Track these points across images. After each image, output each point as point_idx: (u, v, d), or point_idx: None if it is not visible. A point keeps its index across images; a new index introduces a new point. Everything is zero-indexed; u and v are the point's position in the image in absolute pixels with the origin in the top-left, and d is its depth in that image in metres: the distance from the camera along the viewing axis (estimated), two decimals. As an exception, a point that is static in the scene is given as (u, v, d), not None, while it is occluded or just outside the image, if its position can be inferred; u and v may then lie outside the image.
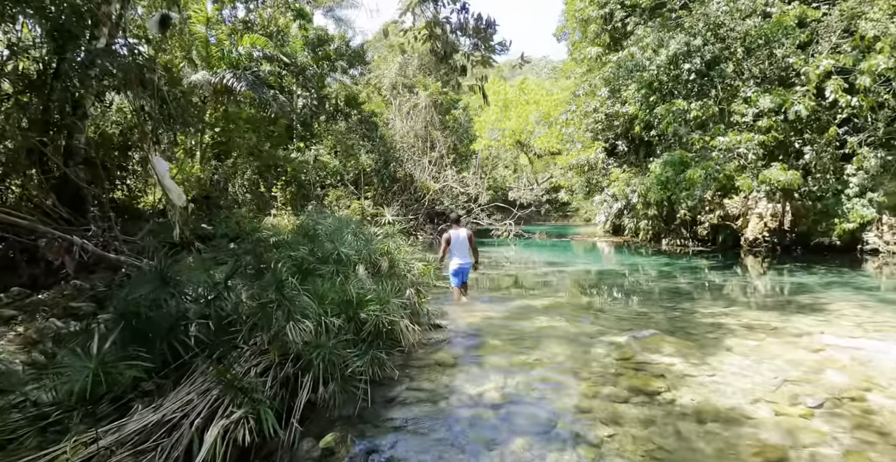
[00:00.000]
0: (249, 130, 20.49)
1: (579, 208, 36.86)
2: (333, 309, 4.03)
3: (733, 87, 13.25)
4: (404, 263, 6.56)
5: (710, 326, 6.53)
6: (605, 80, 17.34)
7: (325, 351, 3.33)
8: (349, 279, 4.80)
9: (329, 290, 4.19)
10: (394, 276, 5.94)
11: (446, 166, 27.55)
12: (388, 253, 6.30)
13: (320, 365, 3.36)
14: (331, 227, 6.35)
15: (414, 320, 6.03)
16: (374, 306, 4.24)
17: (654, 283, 10.54)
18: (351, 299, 4.17)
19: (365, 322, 4.11)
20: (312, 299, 3.91)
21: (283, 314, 3.52)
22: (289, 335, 3.34)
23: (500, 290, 9.89)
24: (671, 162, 12.76)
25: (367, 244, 6.26)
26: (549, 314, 7.25)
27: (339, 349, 3.50)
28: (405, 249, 6.84)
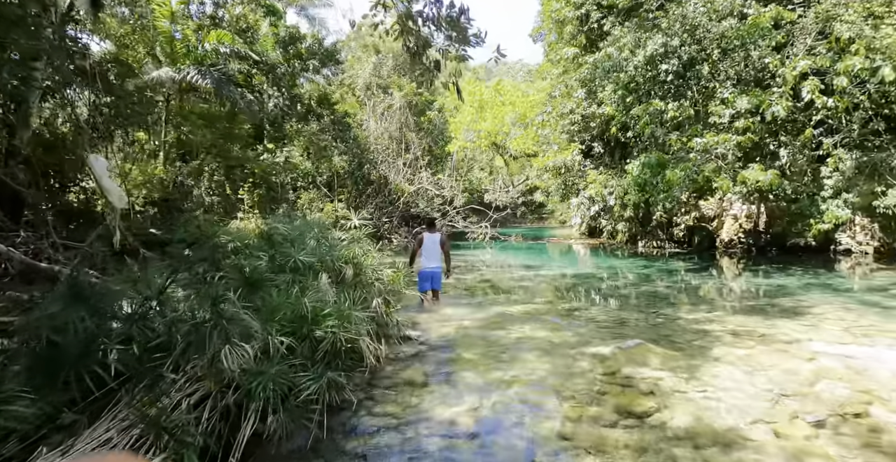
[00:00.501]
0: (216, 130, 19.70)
1: (555, 210, 36.82)
2: (284, 326, 3.52)
3: (710, 88, 13.14)
4: (372, 270, 6.06)
5: (695, 333, 6.20)
6: (581, 82, 17.13)
7: (268, 379, 2.82)
8: (307, 290, 4.29)
9: (280, 304, 3.68)
10: (359, 284, 5.44)
11: (421, 168, 27.06)
12: (353, 260, 5.80)
13: (262, 394, 2.85)
14: (294, 231, 5.82)
15: (382, 333, 5.56)
16: (332, 322, 3.74)
17: (634, 286, 10.27)
18: (306, 314, 3.66)
19: (321, 340, 3.61)
20: (258, 316, 3.39)
21: (219, 336, 3.00)
22: (223, 362, 2.83)
23: (476, 295, 9.47)
24: (648, 163, 12.56)
25: (331, 250, 5.75)
26: (527, 322, 6.84)
27: (286, 375, 3.00)
28: (373, 255, 6.34)
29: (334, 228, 6.78)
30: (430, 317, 7.23)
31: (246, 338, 3.14)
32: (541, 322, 6.87)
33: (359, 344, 3.92)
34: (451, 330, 6.46)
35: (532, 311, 7.68)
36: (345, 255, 5.77)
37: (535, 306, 8.05)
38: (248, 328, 3.11)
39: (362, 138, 26.72)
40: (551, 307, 8.01)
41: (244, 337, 3.13)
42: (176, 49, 17.47)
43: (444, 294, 9.12)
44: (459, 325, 6.69)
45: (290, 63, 22.40)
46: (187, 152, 19.24)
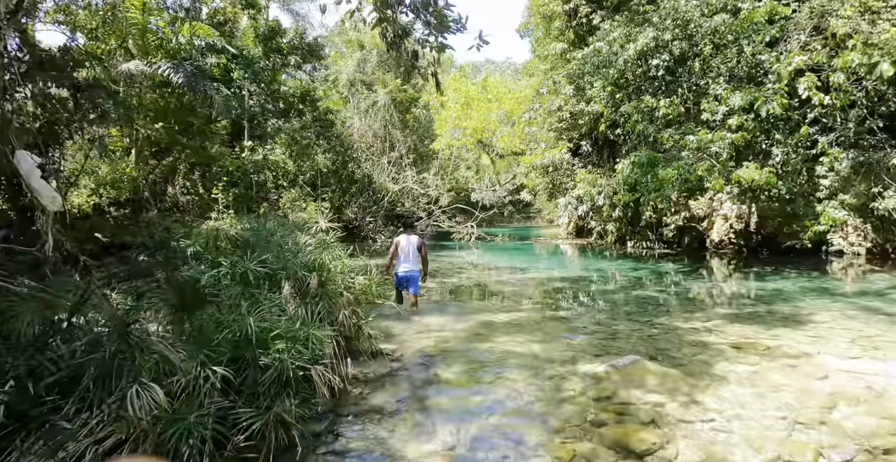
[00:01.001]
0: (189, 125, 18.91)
1: (542, 210, 36.43)
2: (222, 353, 2.94)
3: (702, 84, 12.73)
4: (341, 279, 5.48)
5: (694, 347, 5.72)
6: (569, 78, 16.66)
7: (185, 427, 2.24)
8: (259, 306, 3.70)
9: (221, 326, 3.09)
10: (325, 295, 4.85)
11: (406, 167, 26.47)
12: (319, 267, 5.21)
13: (182, 444, 2.27)
14: (258, 235, 5.23)
15: (351, 349, 4.99)
16: (282, 345, 3.16)
17: (624, 290, 9.78)
18: (250, 337, 3.08)
19: (267, 368, 3.03)
20: (190, 342, 2.81)
21: (129, 372, 2.41)
22: (128, 406, 2.25)
23: (459, 299, 8.93)
24: (639, 162, 12.13)
25: (295, 257, 5.16)
26: (512, 333, 6.31)
27: (209, 420, 2.42)
28: (344, 261, 5.76)
29: (301, 231, 6.18)
30: (408, 327, 6.67)
31: (166, 372, 2.55)
32: (527, 333, 6.34)
33: (317, 371, 3.33)
34: (429, 343, 5.91)
35: (518, 319, 7.15)
36: (310, 263, 5.18)
37: (522, 314, 7.52)
38: (166, 360, 2.52)
39: (346, 136, 26.06)
40: (538, 315, 7.48)
41: (164, 371, 2.54)
42: (148, 41, 16.67)
43: (425, 299, 8.59)
44: (439, 337, 6.14)
45: (270, 58, 21.66)
46: (161, 150, 18.46)
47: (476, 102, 22.48)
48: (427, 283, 10.88)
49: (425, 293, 9.57)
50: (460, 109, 22.90)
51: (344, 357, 4.51)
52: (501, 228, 31.12)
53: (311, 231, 5.96)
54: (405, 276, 7.27)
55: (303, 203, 22.97)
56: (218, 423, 2.65)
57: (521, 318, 7.27)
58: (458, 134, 24.01)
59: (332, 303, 5.01)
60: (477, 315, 7.42)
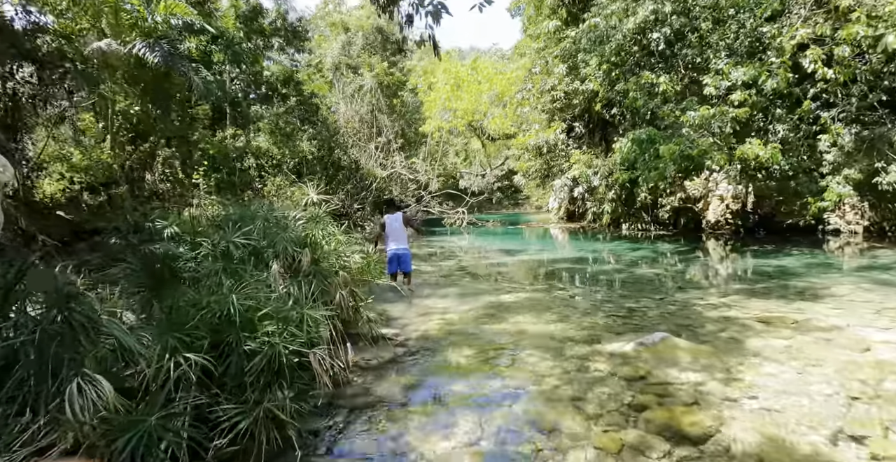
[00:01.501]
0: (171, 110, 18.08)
1: (530, 196, 36.07)
2: (199, 338, 2.43)
3: (703, 58, 12.29)
4: (336, 257, 4.97)
5: (718, 322, 5.32)
6: (562, 57, 16.12)
7: (144, 431, 1.74)
8: (243, 284, 3.19)
9: (197, 306, 2.58)
10: (319, 274, 4.35)
11: (394, 152, 25.80)
12: (312, 243, 4.70)
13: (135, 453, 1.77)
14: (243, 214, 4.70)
15: (350, 333, 4.51)
16: (273, 327, 2.66)
17: (628, 270, 9.39)
18: (233, 319, 2.57)
19: (254, 354, 2.52)
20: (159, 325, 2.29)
21: (70, 362, 1.89)
22: (67, 408, 1.73)
23: (458, 283, 8.44)
24: (638, 139, 11.69)
25: (284, 232, 4.64)
26: (522, 313, 5.86)
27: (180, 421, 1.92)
28: (339, 238, 5.24)
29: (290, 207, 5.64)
30: (409, 310, 6.19)
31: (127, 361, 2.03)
32: (537, 312, 5.90)
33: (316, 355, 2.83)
34: (434, 326, 5.43)
35: (525, 300, 6.71)
36: (301, 238, 4.66)
37: (528, 294, 7.08)
38: (121, 345, 2.00)
39: (332, 121, 25.29)
40: (548, 296, 7.04)
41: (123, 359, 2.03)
42: (121, 20, 15.74)
43: (423, 282, 8.13)
44: (444, 320, 5.67)
45: (251, 39, 20.77)
46: (139, 135, 17.61)
47: (466, 84, 21.83)
48: (423, 267, 10.45)
49: (424, 275, 9.12)
50: (450, 91, 22.24)
51: (343, 342, 4.02)
52: (491, 214, 30.67)
53: (301, 204, 5.41)
54: (396, 253, 7.02)
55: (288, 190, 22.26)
56: (195, 425, 2.15)
57: (528, 298, 6.82)
58: (448, 116, 23.35)
59: (328, 282, 4.50)
60: (481, 296, 6.96)
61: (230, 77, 20.97)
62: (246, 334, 2.62)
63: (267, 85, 21.39)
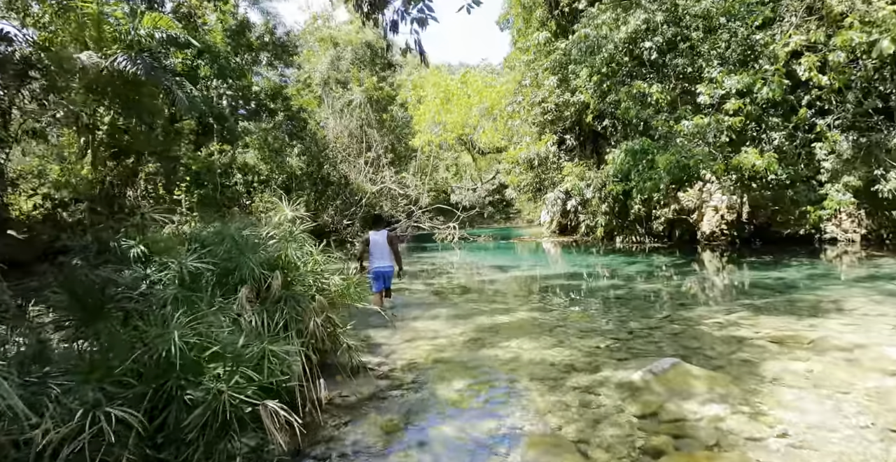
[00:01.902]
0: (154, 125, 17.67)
1: (522, 210, 35.85)
2: (129, 385, 1.99)
3: (695, 67, 12.12)
4: (313, 279, 4.55)
5: (728, 343, 4.93)
6: (552, 68, 15.96)
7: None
8: (195, 314, 2.75)
9: (131, 344, 2.14)
10: (291, 300, 3.92)
11: (384, 167, 25.48)
12: (285, 265, 4.28)
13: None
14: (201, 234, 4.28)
15: (326, 364, 4.08)
16: (222, 369, 2.23)
17: (625, 286, 9.00)
18: (173, 360, 2.14)
19: (195, 405, 2.09)
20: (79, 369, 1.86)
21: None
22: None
23: (449, 302, 8.02)
24: (631, 150, 11.43)
25: (254, 253, 4.21)
26: (517, 336, 5.44)
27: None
28: (316, 258, 4.81)
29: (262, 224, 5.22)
30: (395, 335, 5.75)
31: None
32: (533, 335, 5.48)
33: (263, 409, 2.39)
34: (421, 353, 5.00)
35: (519, 321, 6.29)
36: (272, 260, 4.24)
37: (522, 315, 6.66)
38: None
39: (321, 137, 24.98)
40: (542, 316, 6.62)
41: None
42: (104, 33, 15.39)
43: (412, 301, 7.71)
44: (433, 346, 5.23)
45: (238, 54, 20.48)
46: (121, 151, 17.15)
47: (456, 97, 21.64)
48: (413, 285, 10.02)
49: (414, 295, 8.70)
50: (440, 104, 22.01)
51: (317, 376, 3.58)
52: (482, 229, 30.36)
53: (274, 221, 4.99)
54: (380, 271, 6.88)
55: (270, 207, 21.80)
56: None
57: (522, 319, 6.41)
58: (438, 130, 23.09)
59: (301, 308, 4.07)
60: (472, 318, 6.53)
61: (217, 92, 20.64)
62: (190, 379, 2.18)
63: (255, 100, 21.06)
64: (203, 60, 18.73)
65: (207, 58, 18.28)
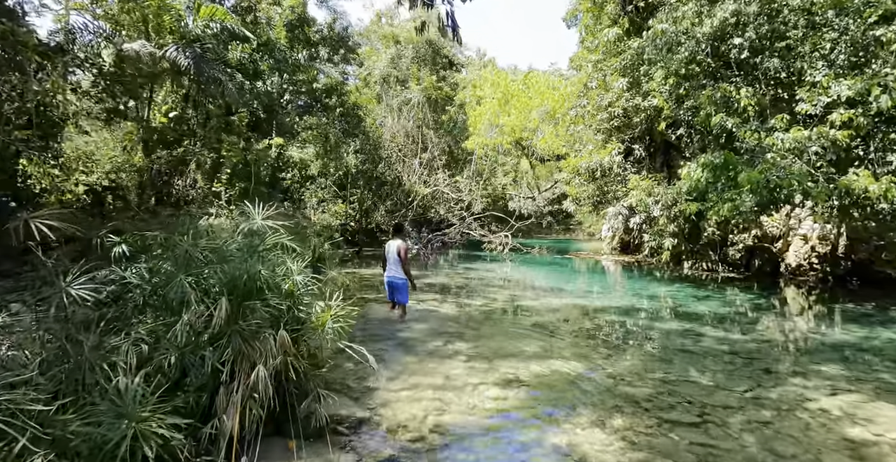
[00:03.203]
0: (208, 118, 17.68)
1: (583, 222, 33.87)
2: None
3: (792, 71, 10.31)
4: (291, 303, 3.58)
5: (839, 451, 3.49)
6: (623, 69, 14.41)
7: None
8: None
9: None
10: (238, 336, 2.95)
11: (438, 169, 24.60)
12: (243, 287, 3.32)
13: None
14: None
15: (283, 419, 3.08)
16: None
17: (696, 332, 7.34)
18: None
19: None
20: None
21: None
22: None
23: (477, 335, 6.84)
24: (710, 165, 9.78)
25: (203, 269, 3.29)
26: (546, 402, 4.23)
27: None
28: (294, 278, 3.84)
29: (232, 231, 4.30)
30: (394, 373, 4.70)
31: None
32: (570, 404, 4.24)
33: None
34: (419, 411, 3.90)
35: (554, 376, 5.01)
36: (231, 279, 3.29)
37: (560, 365, 5.36)
38: None
39: (378, 134, 24.48)
40: (584, 368, 5.32)
41: None
42: (163, 23, 15.44)
43: (436, 330, 6.62)
44: (438, 401, 4.12)
45: (295, 47, 20.26)
46: (175, 140, 17.25)
47: (515, 99, 20.32)
48: (443, 304, 8.93)
49: (438, 318, 7.60)
50: (498, 105, 20.78)
51: (245, 450, 2.57)
52: (539, 240, 28.80)
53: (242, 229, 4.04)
54: (387, 281, 7.09)
55: (331, 204, 21.45)
56: None
57: (559, 373, 5.12)
58: (495, 132, 21.87)
59: (248, 348, 3.09)
60: (498, 362, 5.33)
61: (275, 86, 20.53)
62: None
63: (310, 94, 20.79)
64: (260, 54, 18.61)
65: (262, 49, 18.09)
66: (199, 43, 14.57)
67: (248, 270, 3.37)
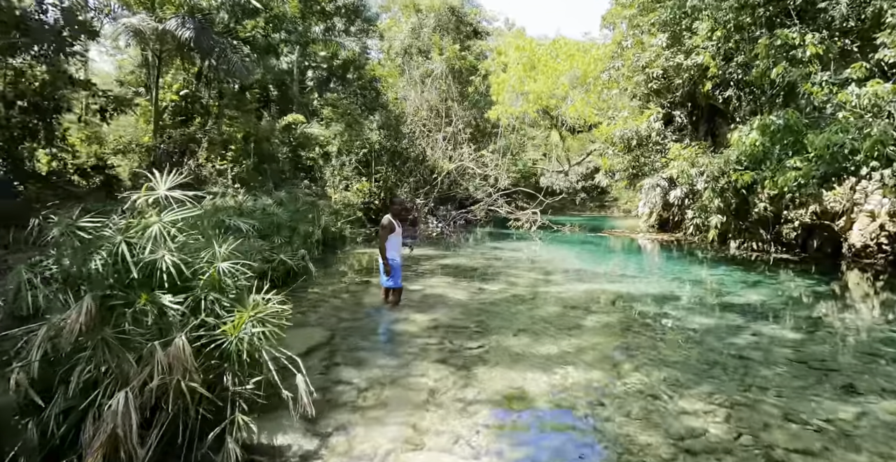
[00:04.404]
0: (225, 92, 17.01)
1: (618, 198, 32.05)
2: None
3: (870, 13, 8.62)
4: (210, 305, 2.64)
5: None
6: (662, 24, 12.77)
7: None
8: None
9: None
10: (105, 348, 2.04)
11: (462, 143, 23.31)
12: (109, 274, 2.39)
13: None
14: None
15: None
16: None
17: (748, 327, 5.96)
18: None
19: None
20: None
21: None
22: None
23: (488, 329, 5.81)
24: (769, 126, 8.28)
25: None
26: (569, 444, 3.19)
27: None
28: (218, 267, 2.89)
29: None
30: (364, 391, 3.75)
31: None
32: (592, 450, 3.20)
33: None
34: (384, 446, 2.94)
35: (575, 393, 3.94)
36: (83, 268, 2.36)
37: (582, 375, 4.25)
38: None
39: (400, 108, 23.33)
40: (610, 378, 4.25)
41: None
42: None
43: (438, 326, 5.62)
44: (410, 435, 3.14)
45: (307, 19, 19.16)
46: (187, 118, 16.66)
47: (542, 63, 18.68)
48: (455, 288, 7.92)
49: (442, 306, 6.58)
50: (523, 71, 19.17)
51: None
52: (572, 217, 27.33)
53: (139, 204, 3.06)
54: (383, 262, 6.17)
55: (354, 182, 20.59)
56: None
57: (581, 383, 4.05)
58: (520, 101, 20.31)
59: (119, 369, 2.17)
60: (506, 369, 4.29)
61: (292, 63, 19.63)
62: None
63: (323, 68, 19.80)
64: (271, 25, 17.66)
65: (269, 19, 17.10)
66: (202, 13, 13.73)
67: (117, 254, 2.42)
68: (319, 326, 5.51)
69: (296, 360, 2.95)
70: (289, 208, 10.23)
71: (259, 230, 7.93)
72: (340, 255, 12.16)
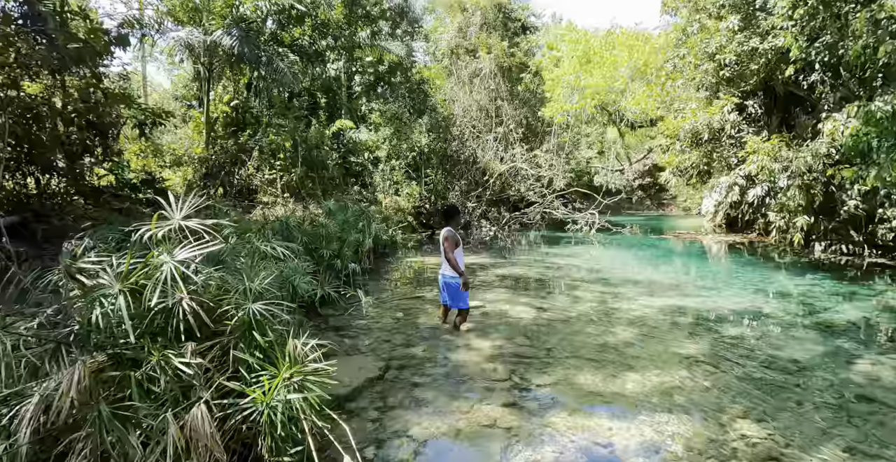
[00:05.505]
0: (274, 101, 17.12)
1: (678, 196, 30.22)
2: None
3: None
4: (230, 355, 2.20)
5: None
6: (733, 5, 11.61)
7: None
8: None
9: None
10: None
11: (514, 143, 22.54)
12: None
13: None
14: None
15: None
16: None
17: (867, 358, 5.06)
18: None
19: None
20: None
21: None
22: None
23: (555, 355, 5.19)
24: (875, 113, 7.16)
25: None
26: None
27: None
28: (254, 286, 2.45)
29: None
30: (420, 444, 3.22)
31: None
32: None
33: None
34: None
35: (686, 455, 3.27)
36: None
37: (679, 427, 3.55)
38: None
39: (449, 110, 22.85)
40: (716, 435, 3.52)
41: None
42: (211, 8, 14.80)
43: (496, 354, 5.03)
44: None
45: (352, 24, 19.00)
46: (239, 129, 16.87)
47: (598, 56, 17.63)
48: (516, 304, 7.27)
49: (506, 335, 5.88)
50: (578, 65, 18.19)
51: None
52: (629, 218, 25.99)
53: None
54: (441, 280, 5.70)
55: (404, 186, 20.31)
56: None
57: (684, 445, 3.36)
58: (576, 98, 19.30)
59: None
60: (588, 423, 3.65)
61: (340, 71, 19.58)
62: None
63: (370, 73, 19.59)
64: (317, 33, 17.62)
65: (321, 31, 17.05)
66: (245, 22, 13.78)
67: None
68: (372, 354, 5.06)
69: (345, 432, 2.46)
70: (338, 218, 9.94)
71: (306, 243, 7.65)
72: (392, 263, 11.80)
